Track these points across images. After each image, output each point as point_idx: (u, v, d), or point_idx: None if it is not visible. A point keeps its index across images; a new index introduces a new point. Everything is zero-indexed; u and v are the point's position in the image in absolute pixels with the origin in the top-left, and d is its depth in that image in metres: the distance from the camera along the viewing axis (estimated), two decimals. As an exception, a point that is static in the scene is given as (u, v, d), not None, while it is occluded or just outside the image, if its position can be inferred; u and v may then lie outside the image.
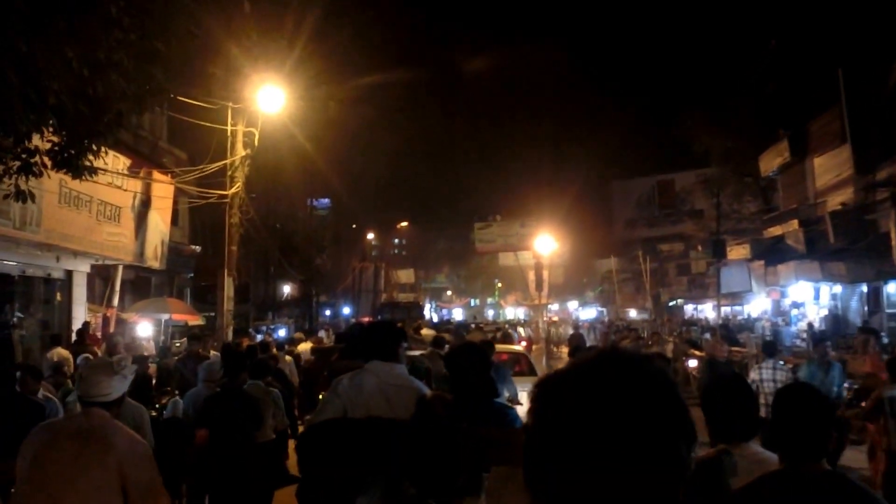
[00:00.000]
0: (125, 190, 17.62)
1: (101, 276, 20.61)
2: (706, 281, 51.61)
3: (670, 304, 57.73)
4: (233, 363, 8.28)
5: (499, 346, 17.27)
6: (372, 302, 57.56)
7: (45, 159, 8.40)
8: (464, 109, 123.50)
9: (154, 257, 20.24)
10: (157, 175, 19.37)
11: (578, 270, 77.55)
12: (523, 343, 28.73)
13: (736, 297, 40.91)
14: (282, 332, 28.62)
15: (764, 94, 34.70)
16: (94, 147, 8.71)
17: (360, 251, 61.96)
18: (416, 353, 10.44)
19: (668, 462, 1.36)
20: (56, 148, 8.48)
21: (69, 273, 18.35)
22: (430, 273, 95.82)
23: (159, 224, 20.24)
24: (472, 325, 35.21)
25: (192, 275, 29.07)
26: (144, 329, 19.88)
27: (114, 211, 17.41)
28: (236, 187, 17.82)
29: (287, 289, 46.02)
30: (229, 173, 17.69)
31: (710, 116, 38.66)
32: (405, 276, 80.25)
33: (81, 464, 4.08)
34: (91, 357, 11.26)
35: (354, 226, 63.25)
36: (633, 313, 62.20)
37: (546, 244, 42.76)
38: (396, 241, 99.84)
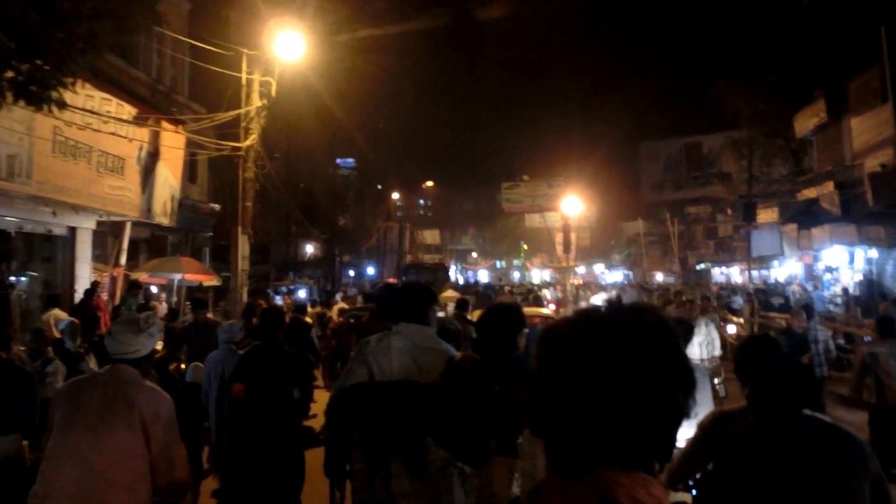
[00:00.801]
0: (130, 140, 16.29)
1: (113, 235, 19.56)
2: (733, 244, 51.60)
3: (697, 267, 56.59)
4: (270, 321, 7.97)
5: (528, 310, 17.15)
6: (396, 263, 56.58)
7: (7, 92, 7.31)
8: (491, 68, 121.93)
9: (163, 213, 18.88)
10: (165, 125, 17.95)
11: (605, 233, 76.28)
12: (552, 306, 27.78)
13: (763, 261, 40.01)
14: (302, 293, 27.65)
15: (797, 54, 33.59)
16: (66, 77, 7.57)
17: (384, 211, 60.92)
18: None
19: (665, 408, 1.44)
20: (20, 77, 7.35)
21: (72, 230, 17.11)
22: (456, 234, 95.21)
23: (169, 178, 18.84)
24: (501, 288, 34.25)
25: (211, 234, 28.18)
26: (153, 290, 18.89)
27: (116, 162, 16.08)
28: (251, 139, 16.72)
29: (310, 249, 45.11)
30: (243, 124, 16.58)
31: (741, 77, 37.48)
32: (431, 236, 79.43)
33: (108, 418, 4.19)
34: (76, 323, 10.34)
35: (380, 186, 62.33)
36: (659, 277, 61.05)
37: (574, 206, 41.80)
38: (422, 202, 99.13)
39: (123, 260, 18.30)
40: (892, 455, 8.43)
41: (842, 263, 29.04)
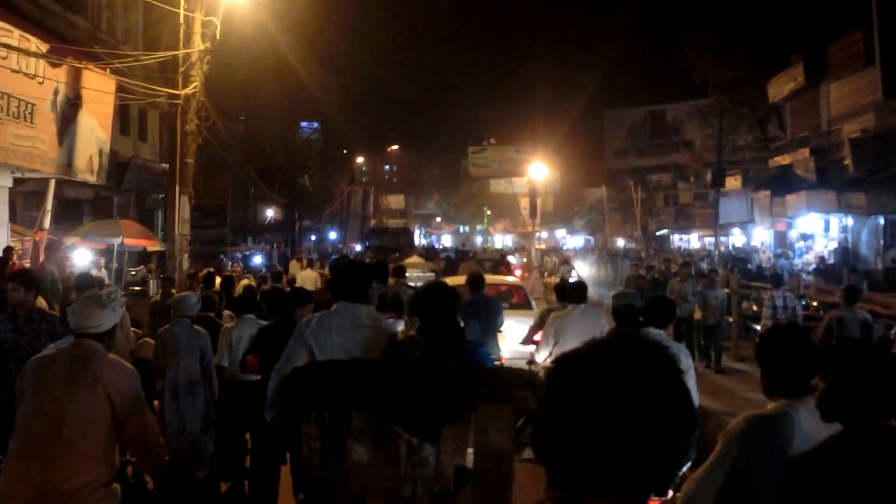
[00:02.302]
0: (41, 82, 13.59)
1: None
2: (693, 212, 51.41)
3: (657, 234, 55.60)
4: (292, 298, 7.67)
5: (495, 278, 16.46)
6: (360, 227, 54.55)
7: None
8: (458, 29, 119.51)
9: (89, 170, 16.18)
10: (88, 66, 14.70)
11: (569, 199, 74.86)
12: (518, 272, 26.06)
13: (723, 228, 38.93)
14: (258, 259, 25.39)
15: (769, 18, 32.24)
16: None
17: (348, 175, 58.70)
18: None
19: (666, 448, 1.44)
20: None
21: None
22: (421, 199, 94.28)
23: (95, 129, 16.00)
24: (470, 254, 32.50)
25: (163, 196, 25.85)
26: (82, 256, 16.57)
27: (24, 108, 13.29)
28: (192, 87, 14.40)
29: (270, 213, 42.74)
30: (181, 69, 14.29)
31: (711, 44, 36.64)
32: (395, 201, 77.72)
33: (73, 390, 4.21)
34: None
35: (345, 151, 60.17)
36: (620, 242, 59.90)
37: (540, 171, 40.46)
38: (387, 167, 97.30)
39: (47, 222, 15.24)
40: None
41: (817, 231, 27.54)
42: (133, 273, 18.33)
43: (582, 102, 68.63)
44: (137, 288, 16.29)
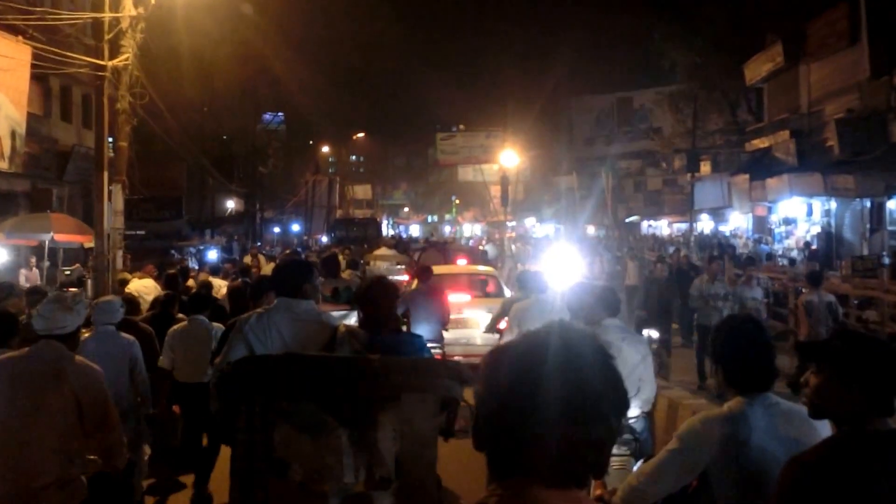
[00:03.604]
0: None
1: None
2: (662, 198, 50.75)
3: (627, 220, 54.68)
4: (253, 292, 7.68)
5: (468, 268, 17.40)
6: (325, 218, 52.67)
7: None
8: (425, 15, 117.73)
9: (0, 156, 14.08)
10: None
11: (538, 187, 73.63)
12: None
13: (686, 214, 38.25)
14: (212, 255, 23.51)
15: (740, 1, 31.40)
16: None
17: (313, 164, 56.74)
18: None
19: (600, 430, 1.49)
20: None
21: None
22: (388, 189, 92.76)
23: (4, 106, 13.79)
24: (444, 244, 30.99)
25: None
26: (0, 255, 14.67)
27: None
28: (123, 58, 12.57)
29: (231, 204, 40.62)
30: (108, 36, 12.39)
31: (679, 30, 36.04)
32: (362, 191, 76.09)
33: (41, 391, 4.32)
34: None
35: (312, 142, 58.32)
36: (591, 230, 58.78)
37: (511, 158, 39.31)
38: (354, 157, 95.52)
39: None
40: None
41: (800, 215, 26.28)
42: (67, 273, 16.50)
43: (549, 90, 67.25)
44: (73, 289, 14.57)
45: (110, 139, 22.88)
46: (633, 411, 5.96)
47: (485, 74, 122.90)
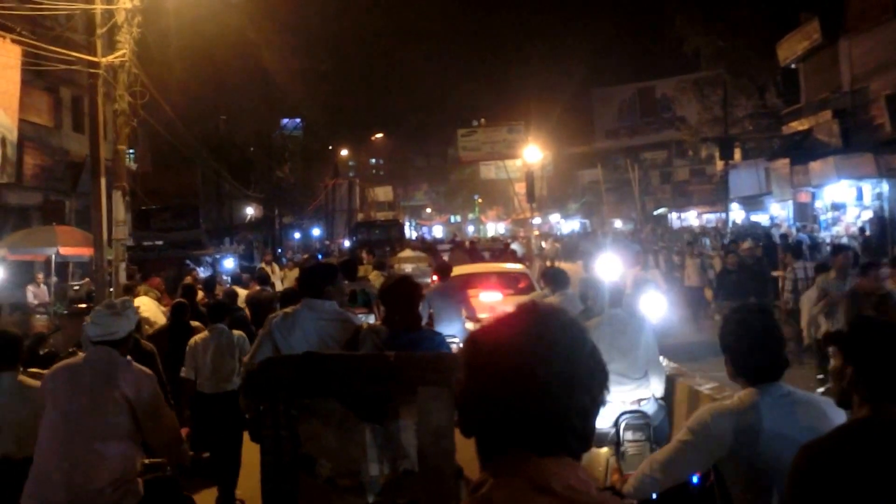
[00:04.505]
0: None
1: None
2: (689, 189, 50.75)
3: (655, 212, 53.40)
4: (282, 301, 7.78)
5: (499, 266, 17.28)
6: (347, 222, 51.67)
7: None
8: (441, 9, 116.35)
9: None
10: None
11: (561, 182, 72.41)
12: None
13: (716, 205, 37.43)
14: (229, 263, 22.40)
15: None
16: None
17: (332, 168, 55.73)
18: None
19: (584, 399, 1.54)
20: None
21: None
22: (409, 190, 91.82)
23: None
24: (472, 243, 29.93)
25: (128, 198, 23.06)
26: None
27: None
28: (118, 54, 11.36)
29: (251, 211, 39.69)
30: (100, 30, 11.17)
31: (703, 15, 35.13)
32: (383, 193, 75.04)
33: (94, 396, 4.39)
34: None
35: (331, 147, 57.41)
36: (618, 223, 57.58)
37: (535, 153, 38.20)
38: (373, 160, 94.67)
39: None
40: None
41: (848, 200, 24.64)
42: (76, 287, 15.44)
43: (570, 82, 66.11)
44: (83, 305, 13.32)
45: (131, 151, 22.08)
46: (643, 393, 6.49)
47: (503, 68, 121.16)
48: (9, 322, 9.69)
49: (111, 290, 11.40)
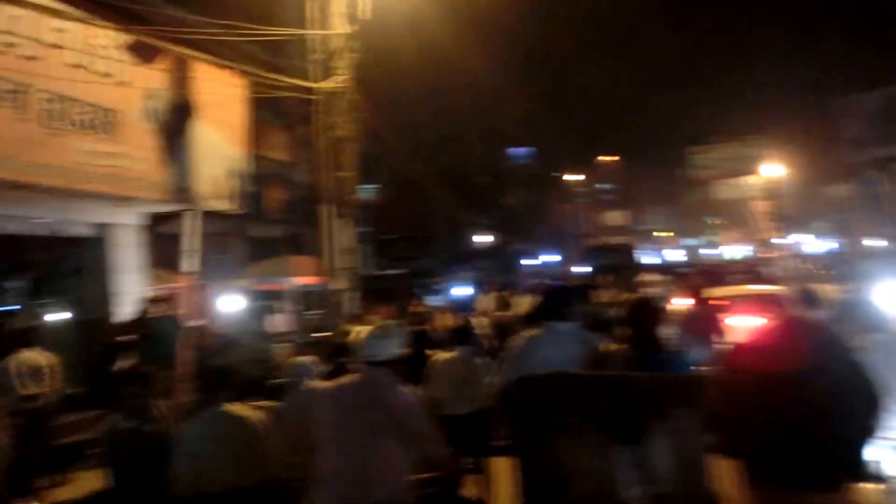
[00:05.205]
0: (124, 83, 10.05)
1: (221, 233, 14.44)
2: None
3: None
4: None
5: (757, 290, 16.66)
6: (577, 247, 51.01)
7: None
8: (668, 25, 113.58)
9: (217, 195, 12.18)
10: (199, 57, 11.07)
11: (803, 199, 68.23)
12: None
13: None
14: (457, 291, 22.08)
15: None
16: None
17: (560, 193, 55.32)
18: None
19: (851, 428, 1.40)
20: None
21: (101, 228, 11.82)
22: (638, 214, 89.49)
23: (219, 143, 12.04)
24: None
25: (368, 228, 23.66)
26: (227, 303, 13.65)
27: (98, 115, 9.89)
28: (337, 81, 11.14)
29: (481, 238, 39.76)
30: (314, 55, 10.98)
31: None
32: (613, 217, 73.90)
33: (365, 415, 4.57)
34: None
35: (563, 176, 57.25)
36: (873, 242, 53.42)
37: (775, 168, 36.08)
38: (605, 185, 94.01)
39: (188, 265, 11.28)
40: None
41: None
42: (311, 316, 15.56)
43: (804, 93, 62.62)
44: (318, 334, 13.03)
45: (371, 184, 22.50)
46: None
47: (733, 81, 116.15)
48: (244, 352, 9.74)
49: (338, 319, 11.29)
